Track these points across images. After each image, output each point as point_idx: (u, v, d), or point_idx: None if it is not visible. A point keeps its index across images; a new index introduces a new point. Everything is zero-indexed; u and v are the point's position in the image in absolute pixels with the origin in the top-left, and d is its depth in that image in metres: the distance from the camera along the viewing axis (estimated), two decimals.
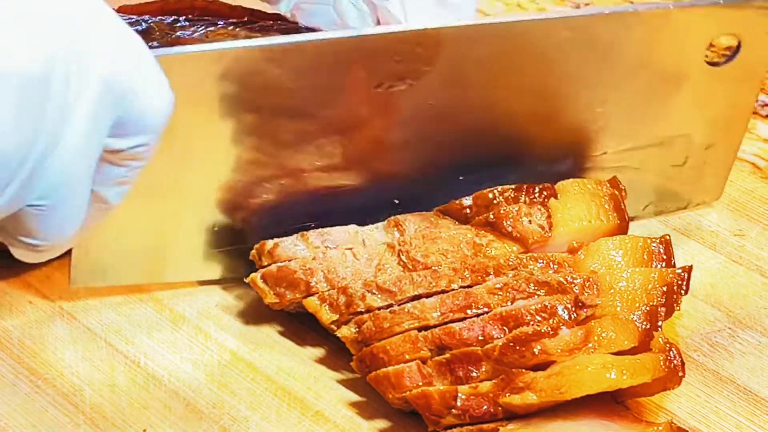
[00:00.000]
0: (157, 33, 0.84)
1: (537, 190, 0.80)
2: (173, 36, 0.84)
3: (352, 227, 0.80)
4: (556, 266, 0.77)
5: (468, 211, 0.80)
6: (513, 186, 0.80)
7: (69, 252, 0.76)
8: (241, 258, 0.82)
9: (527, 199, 0.80)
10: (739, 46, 0.84)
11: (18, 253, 0.66)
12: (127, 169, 0.63)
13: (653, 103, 0.85)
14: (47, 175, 0.60)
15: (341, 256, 0.78)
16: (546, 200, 0.80)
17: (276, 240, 0.79)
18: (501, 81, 0.80)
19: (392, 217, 0.80)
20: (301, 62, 0.75)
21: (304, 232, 0.79)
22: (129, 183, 0.64)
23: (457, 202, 0.80)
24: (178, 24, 0.86)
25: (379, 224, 0.80)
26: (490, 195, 0.80)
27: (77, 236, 0.64)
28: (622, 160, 0.87)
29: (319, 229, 0.79)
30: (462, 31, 0.78)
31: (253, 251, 0.79)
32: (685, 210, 0.91)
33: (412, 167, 0.82)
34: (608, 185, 0.82)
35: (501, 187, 0.80)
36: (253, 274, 0.78)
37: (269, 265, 0.78)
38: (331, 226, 0.80)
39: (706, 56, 0.84)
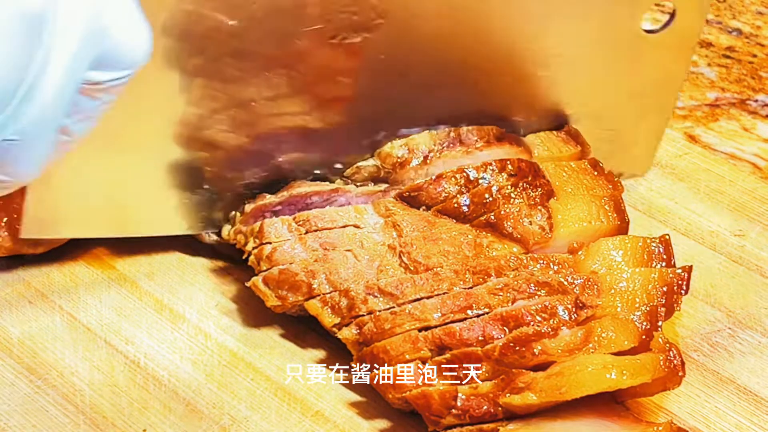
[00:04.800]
0: None
1: (534, 187, 0.80)
2: None
3: (350, 229, 0.80)
4: (556, 267, 0.77)
5: (465, 209, 0.80)
6: (510, 182, 0.80)
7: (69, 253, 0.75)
8: (202, 210, 0.83)
9: (524, 195, 0.80)
10: (674, 14, 0.85)
11: None
12: (98, 103, 0.63)
13: (589, 71, 0.86)
14: (28, 110, 0.60)
15: (342, 258, 0.78)
16: (544, 199, 0.80)
17: (274, 244, 0.79)
18: (454, 33, 0.81)
19: (389, 218, 0.80)
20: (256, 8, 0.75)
21: (302, 236, 0.79)
22: (95, 119, 0.64)
23: (454, 200, 0.80)
24: None
25: (377, 225, 0.80)
26: (486, 194, 0.80)
27: (40, 172, 0.64)
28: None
29: (317, 232, 0.79)
30: None
31: (252, 257, 0.79)
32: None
33: (360, 120, 0.82)
34: (608, 185, 0.82)
35: (497, 183, 0.80)
36: (254, 278, 0.78)
37: (269, 269, 0.78)
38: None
39: (643, 24, 0.85)
